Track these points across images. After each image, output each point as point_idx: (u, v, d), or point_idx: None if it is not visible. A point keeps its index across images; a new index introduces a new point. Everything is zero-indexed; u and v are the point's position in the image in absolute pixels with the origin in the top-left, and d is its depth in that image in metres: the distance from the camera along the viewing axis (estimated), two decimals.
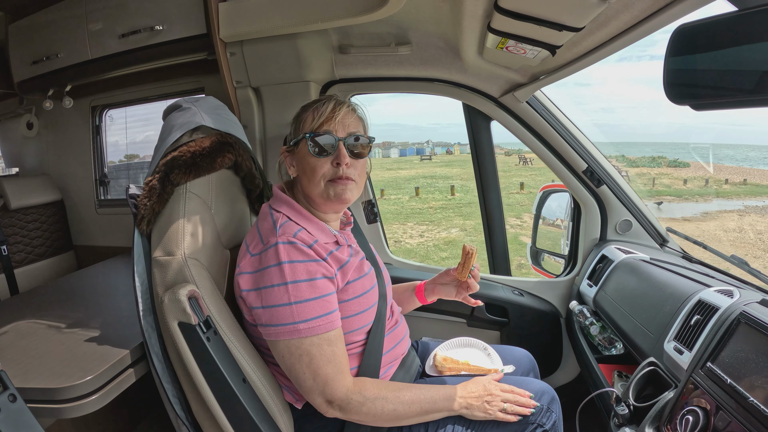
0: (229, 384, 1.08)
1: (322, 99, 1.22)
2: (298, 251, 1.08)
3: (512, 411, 1.23)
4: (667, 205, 26.78)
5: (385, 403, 1.12)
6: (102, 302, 1.68)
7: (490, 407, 1.21)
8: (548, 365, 2.19)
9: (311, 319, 1.06)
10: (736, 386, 0.99)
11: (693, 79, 0.92)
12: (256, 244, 1.13)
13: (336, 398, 1.08)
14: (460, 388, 1.22)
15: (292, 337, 1.06)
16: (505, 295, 2.14)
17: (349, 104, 1.24)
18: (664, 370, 1.29)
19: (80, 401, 1.10)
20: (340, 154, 1.16)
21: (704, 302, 1.27)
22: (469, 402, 1.20)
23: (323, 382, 1.07)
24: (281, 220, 1.14)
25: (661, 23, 1.14)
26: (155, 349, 1.19)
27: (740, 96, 0.85)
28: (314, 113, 1.19)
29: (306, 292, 1.06)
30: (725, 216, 23.86)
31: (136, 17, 1.99)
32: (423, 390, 1.18)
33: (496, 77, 1.91)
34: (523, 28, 1.29)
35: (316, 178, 1.17)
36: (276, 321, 1.06)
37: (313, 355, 1.06)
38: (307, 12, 1.64)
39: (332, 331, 1.09)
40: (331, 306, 1.10)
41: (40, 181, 2.71)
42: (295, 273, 1.06)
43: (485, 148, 2.22)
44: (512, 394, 1.25)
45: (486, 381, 1.25)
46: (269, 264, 1.07)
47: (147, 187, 1.23)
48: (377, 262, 1.41)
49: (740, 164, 56.55)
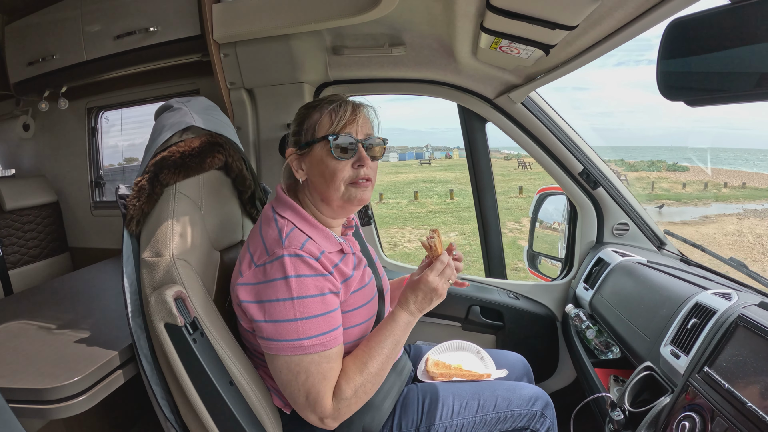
0: (215, 386, 1.07)
1: (335, 100, 1.19)
2: (305, 265, 1.05)
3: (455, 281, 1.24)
4: (667, 208, 26.79)
5: (364, 388, 1.10)
6: (94, 304, 1.67)
7: (440, 296, 1.17)
8: (544, 370, 2.18)
9: (316, 336, 1.04)
10: (734, 391, 0.98)
11: (687, 75, 0.91)
12: (260, 254, 1.09)
13: (326, 414, 1.06)
14: (411, 303, 1.17)
15: (295, 353, 1.03)
16: (500, 299, 2.13)
17: (365, 106, 1.23)
18: (660, 375, 1.28)
19: (68, 402, 1.09)
20: (362, 156, 1.15)
21: (701, 305, 1.26)
22: (423, 308, 1.17)
23: (314, 400, 1.05)
24: (287, 229, 1.11)
25: (655, 20, 1.13)
26: (144, 350, 1.18)
27: (735, 91, 0.83)
28: (332, 115, 1.15)
29: (312, 307, 1.04)
30: (724, 219, 23.88)
31: (131, 18, 1.99)
32: (383, 342, 1.14)
33: (490, 78, 1.91)
34: (516, 27, 1.29)
35: (336, 181, 1.14)
36: (279, 336, 1.04)
37: (311, 373, 1.04)
38: (300, 13, 1.64)
39: (334, 348, 1.07)
40: (335, 322, 1.08)
41: (36, 182, 2.71)
42: (302, 288, 1.04)
43: (480, 151, 2.21)
44: (448, 270, 1.19)
45: (422, 283, 1.16)
46: (275, 277, 1.04)
47: (136, 187, 1.22)
48: (377, 267, 1.38)
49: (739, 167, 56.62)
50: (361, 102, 1.22)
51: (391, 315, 1.18)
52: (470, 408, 1.29)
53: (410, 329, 1.18)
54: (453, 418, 1.27)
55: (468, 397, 1.31)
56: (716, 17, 0.82)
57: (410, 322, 1.17)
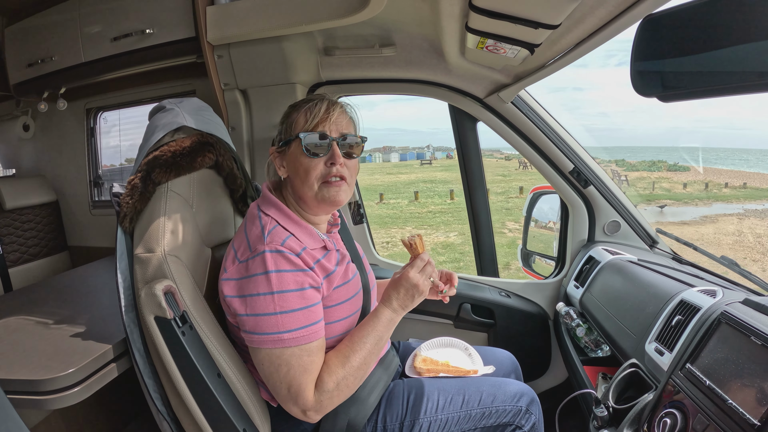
0: (203, 378, 1.09)
1: (314, 99, 1.22)
2: (285, 260, 1.08)
3: (435, 283, 1.25)
4: (669, 209, 26.70)
5: (346, 381, 1.11)
6: (90, 300, 1.69)
7: (421, 293, 1.18)
8: (536, 368, 2.19)
9: (296, 329, 1.06)
10: (715, 388, 0.98)
11: (660, 71, 0.92)
12: (243, 250, 1.12)
13: (309, 406, 1.07)
14: (394, 300, 1.18)
15: (275, 346, 1.06)
16: (491, 297, 2.14)
17: (342, 105, 1.24)
18: (645, 372, 1.28)
19: (62, 393, 1.12)
20: (334, 154, 1.16)
21: (686, 302, 1.26)
22: (405, 304, 1.18)
23: (296, 393, 1.06)
24: (270, 226, 1.13)
25: (636, 17, 1.13)
26: (137, 344, 1.20)
27: (707, 86, 0.85)
28: (307, 113, 1.18)
29: (292, 302, 1.06)
30: (724, 219, 23.76)
31: (128, 21, 2.02)
32: (366, 338, 1.15)
33: (480, 78, 1.92)
34: (500, 26, 1.30)
35: (309, 179, 1.16)
36: (260, 330, 1.06)
37: (292, 365, 1.06)
38: (291, 15, 1.66)
39: (314, 342, 1.09)
40: (315, 316, 1.10)
41: (36, 182, 2.74)
42: (281, 282, 1.06)
43: (472, 150, 2.23)
44: (428, 267, 1.21)
45: (403, 279, 1.18)
46: (256, 272, 1.07)
47: (130, 185, 1.25)
48: (363, 263, 1.40)
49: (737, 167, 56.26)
50: (338, 101, 1.23)
51: (374, 311, 1.20)
52: (455, 403, 1.30)
53: (394, 326, 1.20)
54: (438, 413, 1.28)
55: (453, 392, 1.32)
56: (690, 11, 0.83)
57: (393, 319, 1.19)
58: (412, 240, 1.22)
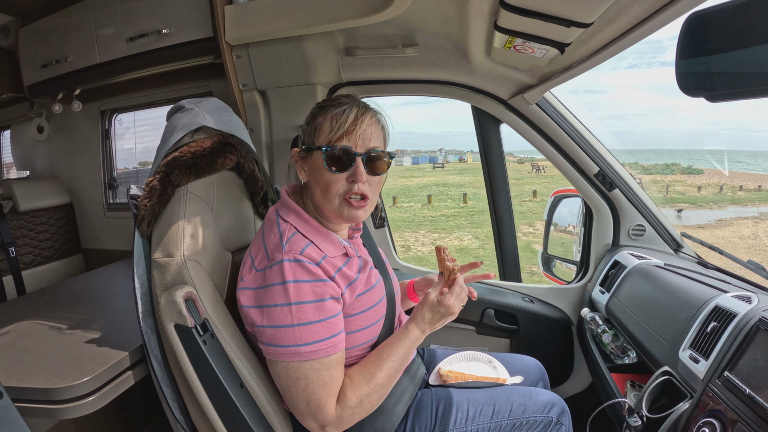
0: (225, 388, 1.05)
1: (343, 102, 1.13)
2: (304, 270, 1.03)
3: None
4: (685, 212, 26.53)
5: (370, 399, 1.08)
6: (105, 304, 1.68)
7: (453, 316, 1.19)
8: (559, 374, 2.15)
9: (314, 342, 1.02)
10: (756, 397, 0.95)
11: (707, 70, 0.88)
12: (261, 258, 1.08)
13: (328, 422, 1.04)
14: (427, 322, 1.18)
15: (293, 359, 1.02)
16: (515, 302, 2.11)
17: (374, 112, 1.14)
18: (679, 380, 1.25)
19: (77, 402, 1.09)
20: (357, 172, 1.09)
21: (721, 308, 1.23)
22: (435, 326, 1.19)
23: (315, 407, 1.03)
24: (288, 233, 1.09)
25: (672, 15, 1.10)
26: (154, 351, 1.17)
27: (756, 85, 0.81)
28: (333, 121, 1.10)
29: (310, 314, 1.02)
30: (740, 223, 23.55)
31: (144, 21, 2.01)
32: (394, 355, 1.14)
33: (504, 79, 1.88)
34: (531, 25, 1.27)
35: (330, 194, 1.10)
36: (277, 342, 1.02)
37: (310, 380, 1.02)
38: (312, 14, 1.64)
39: (333, 355, 1.04)
40: (335, 329, 1.05)
41: (50, 184, 2.74)
42: (300, 293, 1.01)
43: (495, 152, 2.20)
44: (463, 293, 1.21)
45: (441, 306, 1.16)
46: (273, 282, 1.02)
47: (147, 187, 1.22)
48: (387, 269, 1.36)
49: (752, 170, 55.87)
50: (369, 108, 1.15)
51: (404, 329, 1.17)
52: (485, 414, 1.27)
53: (419, 343, 1.19)
54: (467, 424, 1.25)
55: (483, 403, 1.29)
56: (737, 9, 0.79)
57: (420, 338, 1.18)
58: (455, 265, 1.21)
